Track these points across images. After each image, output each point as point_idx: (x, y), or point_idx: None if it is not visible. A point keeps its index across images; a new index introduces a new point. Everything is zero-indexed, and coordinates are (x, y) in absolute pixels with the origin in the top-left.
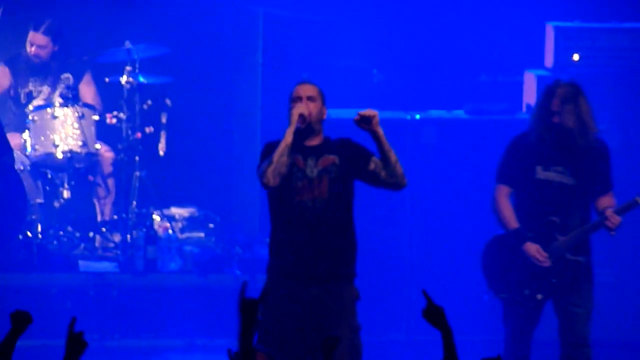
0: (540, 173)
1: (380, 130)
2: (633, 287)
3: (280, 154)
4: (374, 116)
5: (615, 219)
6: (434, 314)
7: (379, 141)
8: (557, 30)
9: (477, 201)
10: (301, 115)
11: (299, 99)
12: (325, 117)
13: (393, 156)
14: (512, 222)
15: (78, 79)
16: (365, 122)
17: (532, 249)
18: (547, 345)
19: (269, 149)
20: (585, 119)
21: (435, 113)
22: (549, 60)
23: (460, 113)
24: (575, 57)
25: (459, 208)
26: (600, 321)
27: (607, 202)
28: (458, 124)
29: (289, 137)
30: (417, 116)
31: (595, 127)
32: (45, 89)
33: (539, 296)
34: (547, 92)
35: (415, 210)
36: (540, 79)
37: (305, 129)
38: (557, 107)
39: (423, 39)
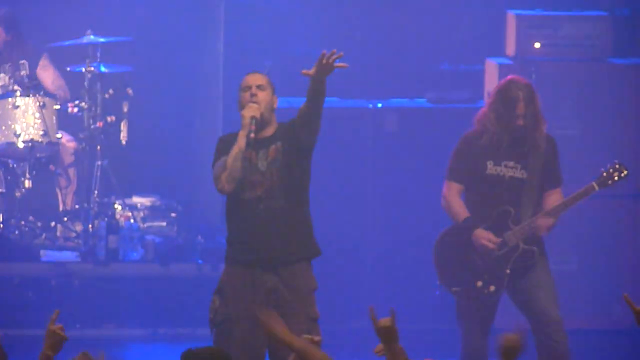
0: (491, 168)
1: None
2: (594, 275)
3: (233, 159)
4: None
5: (544, 221)
6: (385, 334)
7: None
8: (519, 18)
9: (439, 190)
10: (253, 118)
11: (249, 88)
12: (276, 106)
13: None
14: (463, 213)
15: (36, 65)
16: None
17: (483, 235)
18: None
19: (224, 145)
20: (539, 116)
21: (397, 101)
22: (510, 48)
23: (422, 101)
24: (537, 45)
25: (421, 196)
26: (562, 308)
27: (553, 198)
28: (420, 113)
29: (241, 142)
30: (379, 105)
31: (545, 122)
32: (3, 78)
33: (492, 287)
34: (508, 95)
35: (376, 198)
36: (501, 67)
37: (258, 123)
38: (522, 109)
39: (385, 27)
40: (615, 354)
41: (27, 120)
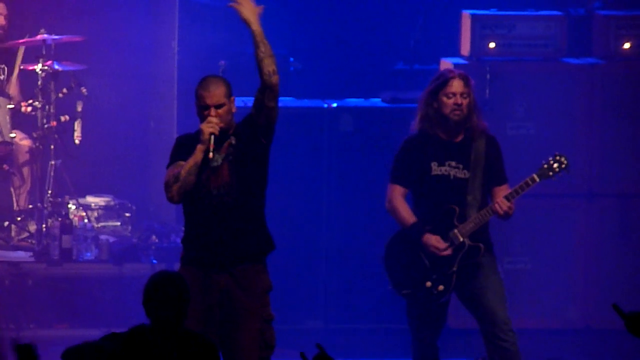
0: (436, 169)
1: (256, 25)
2: (546, 275)
3: (187, 173)
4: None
5: (503, 204)
6: None
7: (251, 32)
8: (474, 18)
9: None
10: (212, 134)
11: (207, 108)
12: (234, 110)
13: (262, 48)
14: (410, 218)
15: None
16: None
17: (432, 239)
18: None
19: (180, 147)
20: (476, 111)
21: (352, 101)
22: (465, 48)
23: (377, 101)
24: (491, 45)
25: (375, 196)
26: (516, 308)
27: (501, 193)
28: (375, 112)
29: (198, 156)
30: (334, 105)
31: (482, 118)
32: None
33: (440, 287)
34: (441, 89)
35: (332, 198)
36: (456, 67)
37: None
38: (456, 102)
39: (340, 27)
40: (567, 354)
41: None
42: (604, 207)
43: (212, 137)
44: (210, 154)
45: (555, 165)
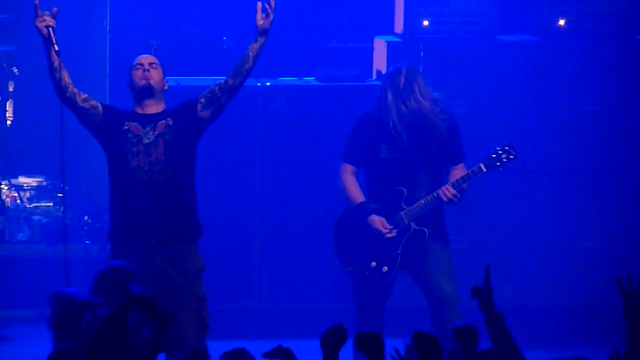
0: (385, 151)
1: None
2: (484, 252)
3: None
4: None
5: (448, 192)
6: None
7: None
8: None
9: (328, 169)
10: (49, 26)
11: (141, 65)
12: (166, 87)
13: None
14: (358, 196)
15: None
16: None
17: (377, 220)
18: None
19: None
20: (431, 97)
21: (285, 80)
22: (398, 26)
23: (310, 80)
24: (425, 23)
25: (309, 175)
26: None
27: (458, 173)
28: (308, 91)
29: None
30: (268, 83)
31: (440, 100)
32: None
33: (385, 268)
34: (393, 81)
35: (264, 177)
36: (390, 45)
37: (148, 94)
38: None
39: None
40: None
41: None
42: (539, 184)
43: (50, 29)
44: (55, 47)
45: (504, 155)
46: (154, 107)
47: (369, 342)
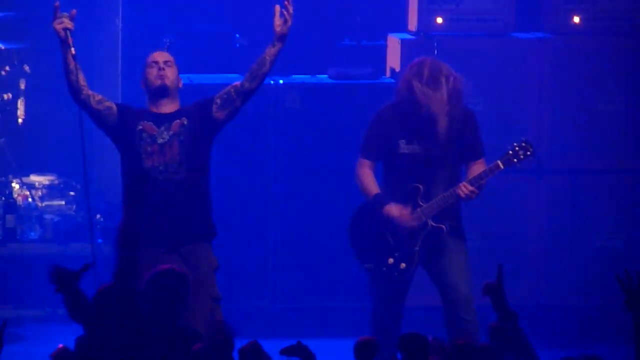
0: (404, 147)
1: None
2: (498, 251)
3: (64, 72)
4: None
5: (466, 188)
6: None
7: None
8: None
9: (342, 166)
10: (67, 29)
11: (156, 63)
12: (181, 85)
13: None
14: (373, 189)
15: None
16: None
17: (394, 209)
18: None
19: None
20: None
21: (298, 78)
22: (412, 23)
23: (324, 78)
24: (439, 20)
25: (323, 173)
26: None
27: (477, 168)
28: (322, 89)
29: (64, 55)
30: (281, 81)
31: (461, 96)
32: None
33: (403, 265)
34: (418, 71)
35: (278, 175)
36: (404, 43)
37: (163, 93)
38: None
39: (285, 2)
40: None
41: None
42: (554, 184)
43: (68, 32)
44: (72, 50)
45: (521, 152)
46: (168, 106)
47: (411, 343)
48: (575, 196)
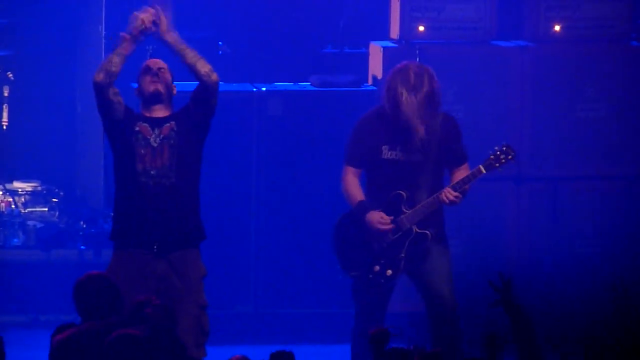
0: (386, 153)
1: (171, 37)
2: (477, 258)
3: (114, 53)
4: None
5: (450, 194)
6: None
7: (169, 47)
8: (403, 0)
9: (324, 173)
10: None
11: (150, 69)
12: (175, 93)
13: (190, 53)
14: (357, 196)
15: None
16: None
17: (375, 216)
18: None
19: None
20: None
21: (281, 85)
22: (394, 31)
23: (306, 85)
24: (421, 28)
25: (306, 180)
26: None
27: (460, 174)
28: (304, 96)
29: (127, 35)
30: (263, 88)
31: (440, 101)
32: None
33: (389, 272)
34: (400, 75)
35: (261, 182)
36: (386, 50)
37: (156, 99)
38: (409, 90)
39: (268, 10)
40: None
41: None
42: (534, 191)
43: (142, 26)
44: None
45: (502, 156)
46: (161, 111)
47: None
48: (555, 202)
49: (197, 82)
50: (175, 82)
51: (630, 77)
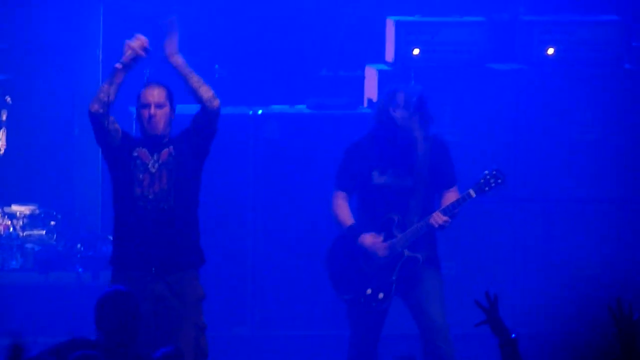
0: (377, 178)
1: (177, 60)
2: (475, 280)
3: (107, 82)
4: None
5: (439, 218)
6: None
7: (175, 69)
8: (398, 24)
9: (321, 196)
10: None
11: (148, 106)
12: (173, 117)
13: (194, 78)
14: (348, 220)
15: None
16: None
17: (367, 238)
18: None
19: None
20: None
21: (277, 108)
22: (389, 54)
23: (302, 108)
24: (416, 51)
25: (301, 203)
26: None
27: (450, 196)
28: (300, 119)
29: (119, 65)
30: (259, 111)
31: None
32: None
33: (381, 295)
34: (390, 96)
35: (257, 205)
36: (381, 74)
37: (155, 136)
38: (400, 112)
39: (264, 33)
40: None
41: None
42: (528, 213)
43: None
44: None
45: (492, 180)
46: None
47: None
48: (549, 225)
49: (198, 106)
50: (176, 104)
51: (623, 101)
